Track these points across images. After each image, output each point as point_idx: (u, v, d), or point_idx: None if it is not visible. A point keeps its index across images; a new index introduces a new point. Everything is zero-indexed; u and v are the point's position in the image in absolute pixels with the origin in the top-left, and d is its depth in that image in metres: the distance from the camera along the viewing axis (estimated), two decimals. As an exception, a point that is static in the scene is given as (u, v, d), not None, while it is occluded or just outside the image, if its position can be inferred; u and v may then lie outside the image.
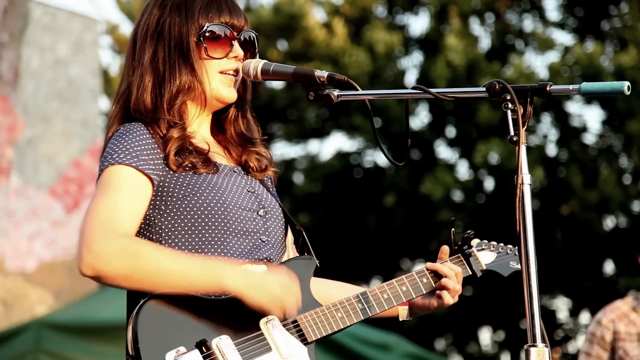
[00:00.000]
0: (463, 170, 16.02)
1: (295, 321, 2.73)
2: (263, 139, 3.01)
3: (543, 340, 2.48)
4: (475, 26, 16.31)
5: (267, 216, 2.85)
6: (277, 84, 16.20)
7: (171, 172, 2.74)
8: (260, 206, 2.84)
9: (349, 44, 15.60)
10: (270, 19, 15.71)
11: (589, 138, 16.09)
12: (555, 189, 14.69)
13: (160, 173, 2.73)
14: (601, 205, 14.26)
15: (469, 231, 3.04)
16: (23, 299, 11.94)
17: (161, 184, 2.73)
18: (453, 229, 3.05)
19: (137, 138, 2.72)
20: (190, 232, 2.73)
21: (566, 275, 14.92)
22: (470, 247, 3.05)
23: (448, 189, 14.57)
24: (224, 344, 2.61)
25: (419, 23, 30.80)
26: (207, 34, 2.82)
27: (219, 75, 2.84)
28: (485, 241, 3.09)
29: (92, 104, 13.07)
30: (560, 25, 16.62)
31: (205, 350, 2.59)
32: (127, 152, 2.69)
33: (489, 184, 15.47)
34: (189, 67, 2.81)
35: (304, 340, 2.72)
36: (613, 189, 14.12)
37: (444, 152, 16.46)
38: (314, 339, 2.74)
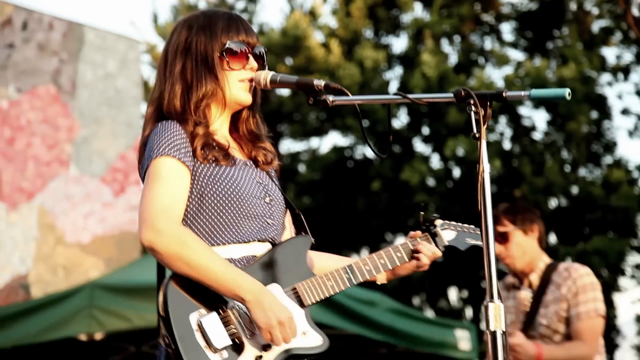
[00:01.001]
0: (435, 161, 16.02)
1: (294, 288, 2.72)
2: (269, 135, 3.00)
3: (499, 297, 2.47)
4: (445, 46, 16.29)
5: (272, 203, 2.84)
6: (285, 92, 16.20)
7: (198, 163, 2.73)
8: (267, 194, 2.84)
9: (343, 60, 15.58)
10: (278, 40, 15.70)
11: (537, 135, 16.09)
12: (509, 176, 14.69)
13: (192, 163, 2.71)
14: (546, 189, 14.27)
15: (434, 214, 3.05)
16: (80, 265, 11.95)
17: (192, 172, 2.71)
18: (422, 212, 3.05)
19: (175, 133, 2.70)
20: (210, 214, 2.71)
21: (518, 246, 14.91)
22: (435, 226, 3.03)
23: (423, 176, 14.57)
24: (238, 307, 2.60)
25: (399, 43, 30.81)
26: (228, 50, 2.81)
27: (238, 83, 2.83)
28: (447, 222, 3.08)
29: (134, 109, 13.07)
30: (514, 44, 16.60)
31: (222, 313, 2.58)
32: (170, 145, 2.67)
33: (457, 172, 15.47)
34: (213, 77, 2.79)
35: (301, 303, 2.71)
36: (556, 176, 14.13)
37: (419, 146, 16.47)
38: (309, 302, 2.73)
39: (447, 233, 3.07)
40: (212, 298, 2.58)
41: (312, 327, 2.69)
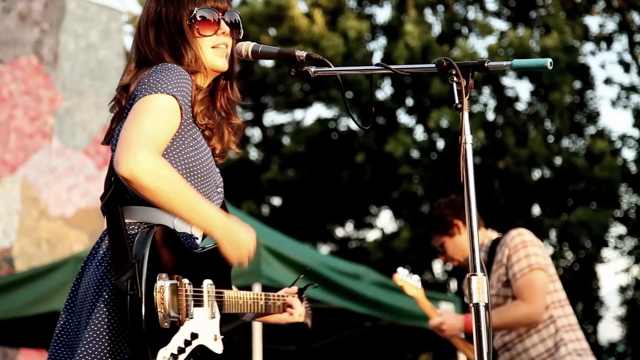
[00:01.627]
0: (419, 133, 16.03)
1: (222, 293, 2.75)
2: (245, 104, 2.98)
3: (482, 270, 2.47)
4: (428, 16, 16.26)
5: (220, 195, 2.86)
6: (268, 63, 16.15)
7: (191, 122, 2.70)
8: (219, 186, 2.85)
9: (327, 31, 15.53)
10: (262, 10, 15.64)
11: (520, 106, 16.10)
12: (493, 147, 14.72)
13: (186, 116, 2.67)
14: (530, 160, 14.30)
15: (315, 284, 3.35)
16: (64, 239, 11.94)
17: (183, 123, 2.67)
18: (302, 275, 3.29)
19: (183, 78, 2.66)
20: (184, 176, 2.68)
21: (502, 216, 14.98)
22: (302, 295, 3.24)
23: (407, 148, 14.58)
24: (188, 288, 2.60)
25: (383, 13, 30.74)
26: (197, 17, 2.78)
27: (212, 50, 2.79)
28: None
29: (117, 80, 13.00)
30: (497, 14, 16.59)
31: (179, 285, 2.56)
32: (176, 86, 2.62)
33: (440, 144, 15.48)
34: (188, 45, 2.77)
35: (221, 309, 2.75)
36: (539, 147, 14.15)
37: (404, 118, 16.47)
38: (227, 312, 2.78)
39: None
40: (174, 267, 2.58)
41: (220, 336, 2.73)
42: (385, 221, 21.76)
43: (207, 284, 2.68)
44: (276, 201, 17.46)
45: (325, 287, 7.22)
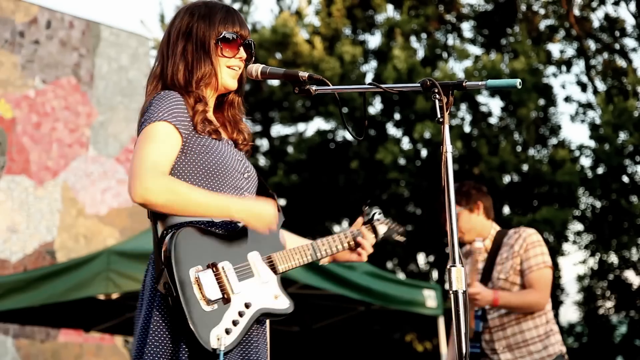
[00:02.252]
0: (406, 143, 16.01)
1: (270, 257, 2.72)
2: (248, 118, 2.98)
3: (460, 262, 2.46)
4: (413, 42, 16.25)
5: (249, 178, 2.82)
6: (275, 82, 16.13)
7: (194, 133, 2.69)
8: (246, 170, 2.81)
9: (325, 55, 15.52)
10: (269, 37, 15.62)
11: (493, 120, 16.09)
12: (469, 155, 14.70)
13: (187, 132, 2.67)
14: (501, 167, 14.29)
15: (376, 210, 3.13)
16: (98, 234, 11.92)
17: (186, 139, 2.68)
18: (366, 208, 3.13)
19: (174, 102, 2.66)
20: (199, 179, 2.68)
21: (477, 215, 14.95)
22: (373, 220, 3.12)
23: (395, 156, 14.56)
24: (227, 267, 2.59)
25: (374, 40, 30.72)
26: (222, 39, 2.78)
27: (226, 69, 2.80)
28: (382, 218, 3.16)
29: (144, 97, 13.00)
30: (472, 41, 16.58)
31: (215, 270, 2.56)
32: (167, 112, 2.63)
33: (424, 152, 15.46)
34: (209, 61, 2.76)
35: (274, 270, 2.72)
36: (509, 156, 14.14)
37: (392, 130, 16.45)
38: (281, 270, 2.74)
39: (381, 227, 3.15)
40: (207, 258, 2.57)
41: (282, 292, 2.69)
42: (376, 219, 21.76)
43: (251, 256, 2.66)
44: (281, 202, 17.45)
45: (323, 276, 7.21)
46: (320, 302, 8.66)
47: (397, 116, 16.19)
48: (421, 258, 16.94)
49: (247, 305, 2.58)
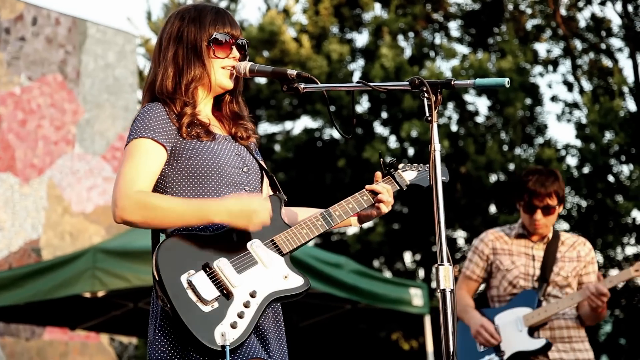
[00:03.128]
0: (393, 142, 16.02)
1: (272, 240, 2.69)
2: (250, 115, 2.97)
3: (448, 260, 2.46)
4: (401, 41, 16.25)
5: (249, 172, 2.80)
6: (262, 80, 16.11)
7: (182, 139, 2.70)
8: (245, 165, 2.80)
9: (313, 53, 15.51)
10: (257, 35, 15.60)
11: (479, 119, 16.13)
12: (456, 154, 14.73)
13: (173, 140, 2.68)
14: (487, 166, 14.32)
15: (393, 158, 2.99)
16: (84, 232, 11.88)
17: (174, 148, 2.69)
18: (382, 158, 3.01)
19: (154, 115, 2.68)
20: (193, 183, 2.69)
21: (463, 214, 15.01)
22: (397, 169, 3.00)
23: (382, 155, 14.57)
24: (222, 264, 2.58)
25: (362, 38, 30.72)
26: (214, 40, 2.78)
27: (221, 70, 2.81)
28: (409, 164, 3.05)
29: (131, 95, 12.96)
30: (460, 40, 16.60)
31: (208, 270, 2.55)
32: (145, 128, 2.65)
33: (411, 151, 15.48)
34: (201, 63, 2.77)
35: (280, 252, 2.68)
36: (496, 155, 14.17)
37: (379, 128, 16.45)
38: (287, 250, 2.70)
39: (409, 173, 3.04)
40: (198, 258, 2.56)
41: (292, 271, 2.66)
42: (363, 218, 21.78)
43: (251, 244, 2.64)
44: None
45: (311, 275, 7.20)
46: (307, 300, 8.66)
47: (384, 115, 16.20)
48: (407, 257, 16.97)
49: (252, 295, 2.56)
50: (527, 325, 4.34)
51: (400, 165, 3.01)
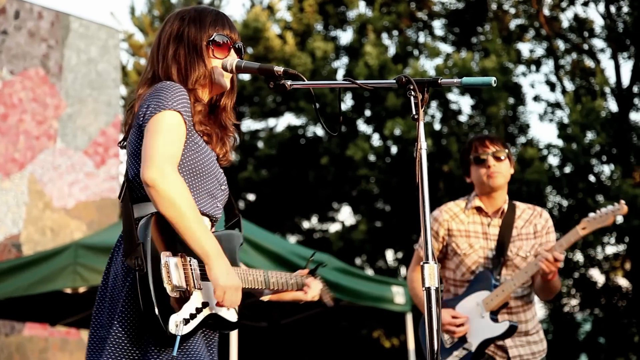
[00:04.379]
0: (376, 140, 16.04)
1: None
2: (235, 123, 2.97)
3: (433, 259, 2.46)
4: (385, 39, 16.27)
5: (224, 191, 2.84)
6: (246, 77, 16.08)
7: (192, 129, 2.71)
8: (223, 182, 2.84)
9: (297, 50, 15.50)
10: (241, 31, 15.56)
11: (462, 118, 16.17)
12: (439, 153, 14.77)
13: (189, 125, 2.70)
14: (470, 164, 14.34)
15: (324, 263, 3.25)
16: (65, 227, 11.81)
17: (187, 132, 2.70)
18: (311, 259, 3.21)
19: (184, 94, 2.68)
20: (186, 177, 2.69)
21: (445, 213, 15.02)
22: (317, 274, 3.19)
23: (365, 152, 14.58)
24: (194, 263, 2.61)
25: (346, 36, 30.74)
26: (214, 41, 2.80)
27: (220, 70, 2.82)
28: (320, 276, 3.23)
29: (114, 90, 12.90)
30: (443, 39, 16.64)
31: (183, 261, 2.59)
32: (178, 102, 2.65)
33: (394, 149, 15.51)
34: (203, 63, 2.78)
35: None
36: (478, 154, 14.20)
37: (362, 127, 16.47)
38: None
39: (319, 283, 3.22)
40: (179, 248, 2.59)
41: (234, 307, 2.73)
42: (345, 215, 21.85)
43: None
44: (251, 197, 17.41)
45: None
46: (289, 297, 8.65)
47: (367, 113, 16.21)
48: (390, 254, 17.00)
49: (204, 304, 2.61)
50: (488, 310, 4.16)
51: (319, 270, 3.22)
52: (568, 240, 4.16)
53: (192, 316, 2.55)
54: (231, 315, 2.70)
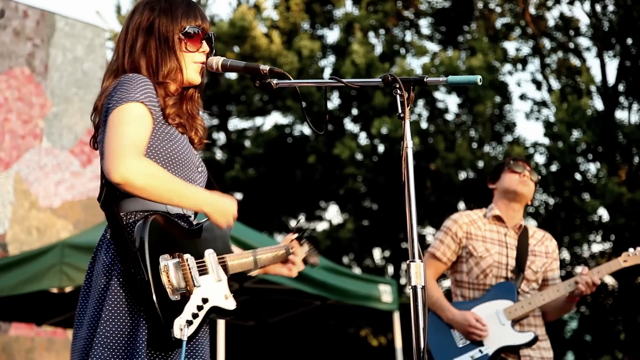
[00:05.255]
0: (363, 139, 16.05)
1: (224, 257, 2.74)
2: (204, 112, 2.95)
3: (419, 257, 2.46)
4: (372, 38, 16.28)
5: (202, 173, 2.82)
6: (233, 76, 16.06)
7: (162, 120, 2.68)
8: (200, 165, 2.82)
9: (283, 49, 15.49)
10: (227, 30, 15.53)
11: (449, 116, 16.20)
12: (426, 151, 14.79)
13: (157, 116, 2.66)
14: (457, 163, 14.40)
15: (304, 231, 3.07)
16: (51, 227, 11.77)
17: (156, 124, 2.66)
18: (297, 226, 3.09)
19: (146, 83, 2.63)
20: (160, 164, 2.66)
21: (432, 211, 15.08)
22: (302, 239, 3.06)
23: (352, 151, 14.59)
24: (190, 261, 2.60)
25: (332, 35, 30.73)
26: (186, 33, 2.75)
27: (193, 64, 2.78)
28: (308, 240, 3.10)
29: (100, 89, 12.87)
30: (430, 38, 16.66)
31: (181, 262, 2.57)
32: (141, 92, 2.60)
33: (381, 148, 15.52)
34: (175, 56, 2.73)
35: (226, 271, 2.74)
36: (465, 152, 14.25)
37: (349, 125, 16.47)
38: (231, 272, 2.76)
39: (305, 246, 3.09)
40: (173, 246, 2.57)
41: (230, 293, 2.72)
42: (333, 214, 21.85)
43: (208, 254, 2.67)
44: (238, 196, 17.38)
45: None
46: (276, 296, 8.65)
47: (354, 111, 16.22)
48: (377, 253, 17.01)
49: (204, 301, 2.59)
50: (510, 319, 4.26)
51: (306, 234, 3.08)
52: (608, 268, 4.36)
53: (195, 315, 2.54)
54: (229, 304, 2.69)
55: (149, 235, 2.51)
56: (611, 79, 15.36)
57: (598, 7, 15.32)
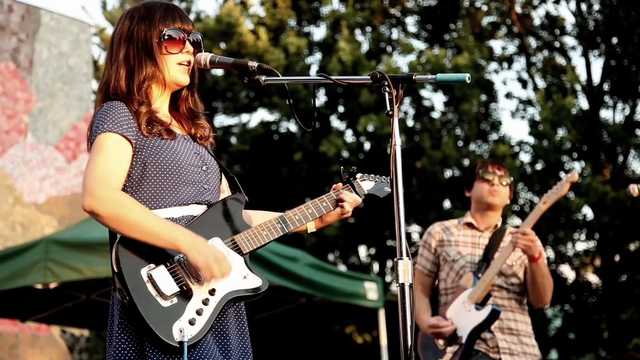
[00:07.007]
0: (349, 136, 16.05)
1: (233, 239, 2.70)
2: (205, 113, 2.94)
3: (407, 255, 2.46)
4: (358, 35, 16.28)
5: (208, 171, 2.79)
6: (219, 72, 16.03)
7: (142, 137, 2.68)
8: (204, 163, 2.79)
9: (270, 46, 15.47)
10: (214, 27, 15.51)
11: (435, 114, 16.23)
12: (412, 149, 14.81)
13: (136, 137, 2.66)
14: (443, 161, 14.42)
15: (353, 167, 2.99)
16: (36, 223, 11.72)
17: (136, 144, 2.67)
18: (342, 167, 3.00)
19: (119, 111, 2.65)
20: (153, 181, 2.67)
21: (419, 209, 15.10)
22: (356, 179, 2.99)
23: (339, 148, 14.59)
24: (183, 259, 2.57)
25: (319, 32, 30.72)
26: (165, 37, 2.75)
27: (177, 66, 2.78)
28: (365, 174, 3.04)
29: (85, 84, 12.82)
30: (416, 36, 16.68)
31: (169, 265, 2.55)
32: (113, 123, 2.62)
33: (367, 145, 15.53)
34: (153, 61, 2.74)
35: (240, 252, 2.69)
36: (451, 150, 14.28)
37: (336, 122, 16.46)
38: (247, 250, 2.70)
39: (366, 183, 3.02)
40: (159, 254, 2.55)
41: (251, 271, 2.67)
42: (318, 211, 21.77)
43: (211, 242, 2.63)
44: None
45: (266, 268, 7.20)
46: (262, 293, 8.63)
47: (341, 109, 16.22)
48: (362, 251, 17.03)
49: (211, 293, 2.57)
50: (474, 302, 4.34)
51: (359, 175, 3.00)
52: (533, 216, 4.40)
53: (199, 312, 2.52)
54: (250, 282, 2.64)
55: (122, 253, 2.51)
56: (596, 78, 15.42)
57: (584, 6, 15.39)
